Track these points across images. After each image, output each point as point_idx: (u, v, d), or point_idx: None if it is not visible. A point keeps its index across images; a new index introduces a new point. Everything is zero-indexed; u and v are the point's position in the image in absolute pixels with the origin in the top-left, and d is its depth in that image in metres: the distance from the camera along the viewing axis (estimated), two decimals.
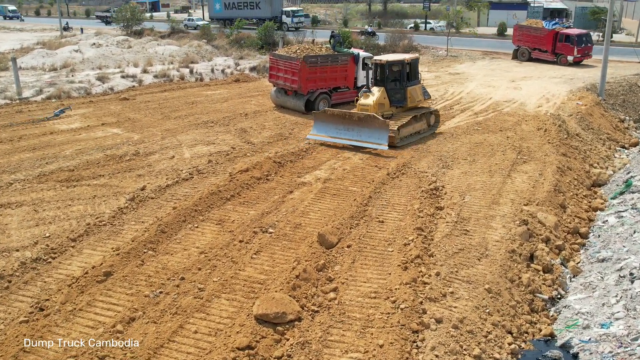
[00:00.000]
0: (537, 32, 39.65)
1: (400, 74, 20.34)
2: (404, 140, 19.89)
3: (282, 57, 24.79)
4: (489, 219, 13.47)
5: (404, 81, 20.30)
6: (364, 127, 18.96)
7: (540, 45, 39.62)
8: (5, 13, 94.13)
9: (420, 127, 20.93)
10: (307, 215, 13.50)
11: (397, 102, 20.51)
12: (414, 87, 20.77)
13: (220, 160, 17.85)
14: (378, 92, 20.17)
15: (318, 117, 20.22)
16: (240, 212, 13.62)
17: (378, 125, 18.67)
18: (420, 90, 21.29)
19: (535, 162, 17.94)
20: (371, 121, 18.79)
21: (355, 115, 19.26)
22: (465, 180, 16.09)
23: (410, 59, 20.60)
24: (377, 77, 20.73)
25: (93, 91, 30.50)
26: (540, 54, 39.93)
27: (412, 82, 20.67)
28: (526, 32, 40.41)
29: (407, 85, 20.38)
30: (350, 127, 19.26)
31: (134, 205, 14.13)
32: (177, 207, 13.64)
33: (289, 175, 16.39)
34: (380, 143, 18.56)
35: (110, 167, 17.44)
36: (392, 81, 20.41)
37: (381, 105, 20.07)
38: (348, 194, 14.84)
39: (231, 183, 15.11)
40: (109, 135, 21.19)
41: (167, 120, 23.36)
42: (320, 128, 19.99)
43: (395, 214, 13.60)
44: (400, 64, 20.34)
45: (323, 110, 20.30)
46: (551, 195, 15.14)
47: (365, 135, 18.93)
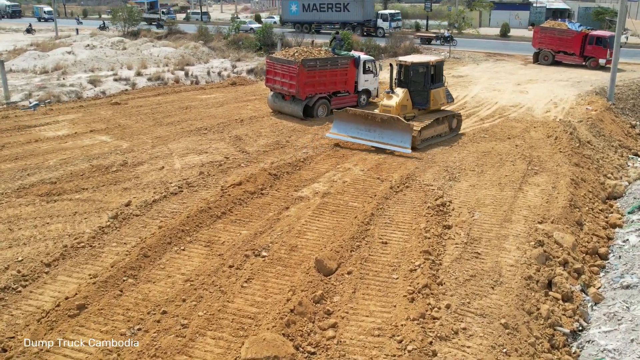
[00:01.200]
0: (563, 34, 38.06)
1: (424, 76, 20.02)
2: (424, 143, 19.47)
3: (279, 60, 23.72)
4: (502, 240, 12.40)
5: (427, 83, 20.04)
6: (387, 128, 18.71)
7: (567, 47, 37.99)
8: (40, 14, 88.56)
9: (441, 129, 20.49)
10: (304, 235, 12.42)
11: (420, 104, 20.28)
12: (438, 90, 20.51)
13: (213, 171, 16.77)
14: (401, 94, 19.83)
15: (339, 116, 19.89)
16: (231, 232, 12.54)
17: (401, 128, 18.41)
18: (443, 93, 20.98)
19: (547, 173, 16.87)
20: (394, 123, 18.55)
21: (378, 117, 18.91)
22: (473, 194, 15.02)
23: (435, 61, 20.38)
24: (400, 78, 20.41)
25: (84, 95, 29.41)
26: (565, 57, 38.34)
27: (436, 85, 20.43)
28: (550, 34, 38.68)
29: (430, 87, 20.13)
30: (372, 128, 18.99)
31: (116, 223, 13.05)
32: (162, 227, 12.57)
33: (285, 188, 15.31)
34: (403, 146, 18.28)
35: (95, 179, 16.37)
36: (415, 83, 20.10)
37: (404, 106, 19.82)
38: (348, 211, 13.77)
39: (222, 198, 14.03)
40: (97, 143, 20.12)
41: (158, 127, 22.29)
42: (341, 127, 19.73)
43: (399, 234, 12.53)
44: (425, 66, 20.03)
45: (344, 110, 19.85)
46: (567, 211, 14.07)
47: (387, 137, 18.64)
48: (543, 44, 39.17)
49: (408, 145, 18.22)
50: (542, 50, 39.25)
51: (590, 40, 36.77)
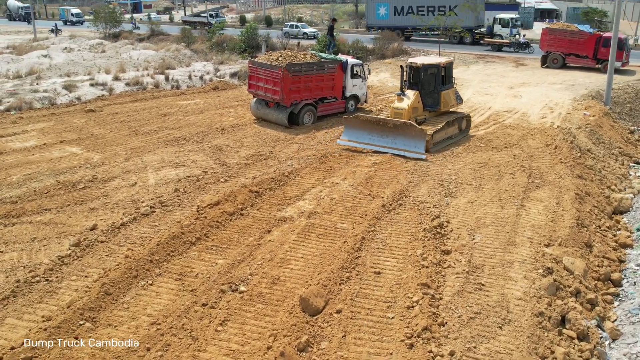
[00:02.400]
0: (575, 36, 36.63)
1: (435, 77, 19.84)
2: (436, 146, 19.15)
3: (262, 65, 22.41)
4: (507, 267, 11.21)
5: (438, 85, 19.88)
6: (399, 134, 18.38)
7: (579, 50, 36.56)
8: (67, 17, 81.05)
9: (452, 132, 20.28)
10: (287, 264, 11.14)
11: (431, 106, 20.02)
12: (448, 92, 20.36)
13: (189, 187, 15.43)
14: (413, 96, 19.50)
15: (349, 122, 19.46)
16: (206, 262, 11.23)
17: (415, 134, 18.11)
18: (453, 94, 20.86)
19: (550, 187, 15.74)
20: (407, 129, 18.23)
21: (390, 122, 18.52)
22: (472, 213, 13.83)
23: (445, 63, 20.21)
24: (411, 80, 20.05)
25: (58, 101, 27.91)
26: (577, 60, 36.93)
27: (446, 86, 20.27)
28: (560, 36, 37.15)
29: (441, 89, 19.94)
30: (385, 134, 18.63)
31: (78, 252, 11.69)
32: (129, 256, 11.22)
33: (268, 208, 14.01)
34: (417, 152, 17.96)
35: (61, 197, 14.97)
36: (426, 85, 19.83)
37: (415, 109, 19.50)
38: (337, 234, 12.50)
39: (198, 221, 12.71)
40: (66, 155, 18.68)
41: (134, 137, 20.88)
42: (352, 134, 19.30)
43: (394, 262, 11.29)
44: (435, 68, 19.81)
45: (355, 116, 19.36)
46: (574, 231, 12.92)
47: (400, 143, 18.32)
48: (552, 47, 37.53)
49: (422, 151, 17.90)
50: (551, 53, 37.67)
51: (605, 42, 35.32)
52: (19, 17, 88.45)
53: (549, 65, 37.74)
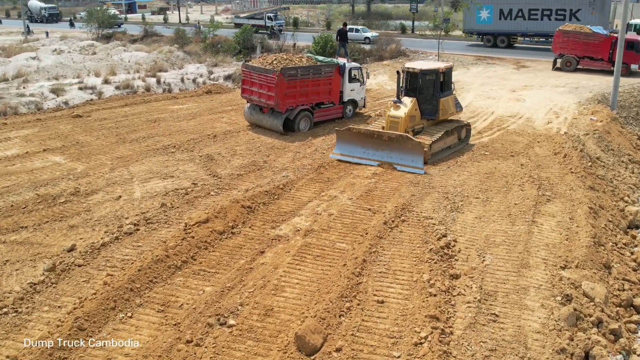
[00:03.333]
0: (589, 39, 35.39)
1: (433, 84, 18.70)
2: (435, 157, 18.10)
3: (255, 69, 21.39)
4: (521, 293, 10.26)
5: (437, 92, 18.67)
6: (395, 148, 17.08)
7: (593, 53, 35.39)
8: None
9: (451, 141, 19.09)
10: (281, 292, 10.15)
11: (429, 114, 18.88)
12: (447, 99, 19.13)
13: (177, 202, 14.43)
14: (410, 103, 18.26)
15: (341, 135, 18.09)
16: (192, 289, 10.23)
17: (411, 147, 16.83)
18: (452, 101, 19.61)
19: (561, 199, 14.80)
20: (403, 142, 16.96)
21: (385, 135, 17.23)
22: (481, 230, 12.87)
23: (445, 68, 18.93)
24: (407, 87, 18.87)
25: (45, 106, 26.91)
26: (591, 63, 35.73)
27: (445, 93, 19.04)
28: (573, 39, 35.84)
29: (440, 96, 18.73)
30: (380, 148, 17.35)
31: (52, 278, 10.68)
32: (108, 283, 10.22)
33: (261, 225, 13.02)
34: (415, 166, 16.75)
35: (39, 213, 13.95)
36: (424, 91, 18.73)
37: (412, 117, 18.37)
38: (335, 256, 11.52)
39: (184, 242, 11.70)
40: (49, 165, 17.65)
41: (121, 145, 19.85)
42: (345, 148, 17.98)
43: (398, 288, 10.31)
44: (434, 73, 18.64)
45: (347, 128, 18.01)
46: (591, 251, 11.97)
47: (396, 157, 17.06)
48: (565, 49, 36.24)
49: (421, 165, 16.72)
50: (565, 56, 36.37)
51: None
52: (42, 19, 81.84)
53: (561, 68, 36.57)
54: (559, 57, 36.76)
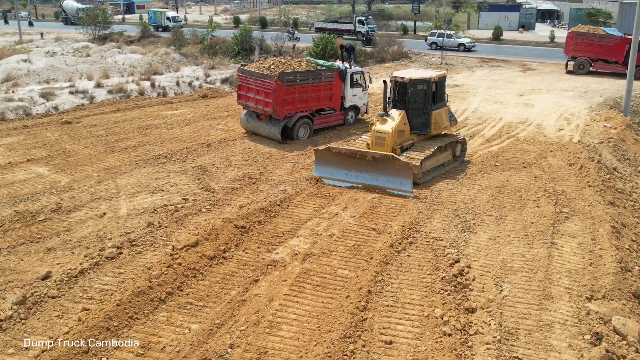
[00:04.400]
0: (604, 41, 34.35)
1: (424, 95, 16.64)
2: (426, 175, 16.42)
3: (252, 73, 20.29)
4: (546, 331, 9.15)
5: (428, 104, 16.69)
6: (381, 169, 15.22)
7: (608, 55, 34.30)
8: (158, 21, 65.82)
9: (444, 158, 17.40)
10: (277, 330, 9.04)
11: (419, 128, 16.93)
12: (440, 111, 17.20)
13: (165, 220, 13.32)
14: (398, 117, 16.37)
15: (320, 157, 16.15)
16: (177, 327, 9.12)
17: (399, 168, 15.01)
18: (446, 114, 17.69)
19: (581, 217, 13.70)
20: (389, 163, 15.12)
21: (369, 155, 15.32)
22: (496, 254, 11.76)
23: (437, 77, 16.89)
24: (396, 98, 16.89)
25: (34, 111, 25.83)
26: (605, 66, 34.67)
27: (437, 105, 17.09)
28: (587, 41, 34.83)
29: (432, 108, 16.79)
30: (364, 169, 15.46)
31: (22, 312, 9.57)
32: (83, 320, 9.12)
33: (255, 248, 11.90)
34: (403, 190, 14.95)
35: (16, 233, 12.86)
36: (414, 103, 16.69)
37: (401, 132, 16.47)
38: (337, 285, 10.41)
39: (170, 269, 10.59)
40: (31, 178, 16.57)
41: (109, 155, 18.76)
42: (324, 170, 16.06)
43: (408, 326, 9.20)
44: (425, 83, 16.58)
45: (326, 148, 16.05)
46: (618, 279, 10.86)
47: (382, 180, 15.20)
48: (578, 51, 35.15)
49: (409, 189, 14.91)
50: (578, 59, 35.30)
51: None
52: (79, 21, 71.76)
53: (575, 71, 35.36)
54: (572, 60, 35.64)
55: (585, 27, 36.99)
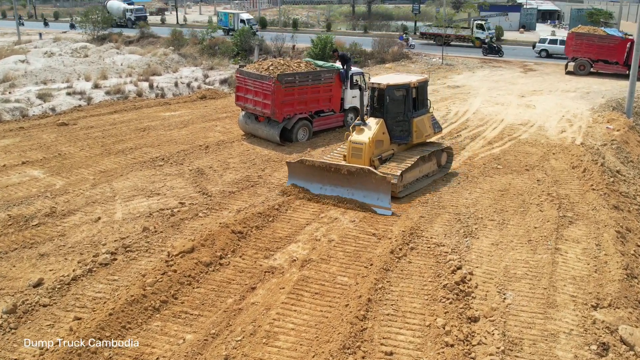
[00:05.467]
0: (605, 41, 34.22)
1: (404, 101, 15.56)
2: (408, 189, 15.31)
3: (251, 75, 20.04)
4: (550, 342, 8.89)
5: (409, 111, 15.60)
6: (357, 183, 14.21)
7: (608, 56, 34.17)
8: (230, 24, 58.15)
9: (428, 168, 16.36)
10: (274, 340, 8.78)
11: (400, 137, 15.85)
12: (422, 118, 16.12)
13: (160, 225, 13.06)
14: (376, 126, 15.29)
15: (293, 169, 15.30)
16: (171, 337, 8.86)
17: (376, 182, 13.91)
18: (429, 121, 16.60)
19: (585, 221, 13.44)
20: (366, 177, 14.07)
21: (344, 168, 14.32)
22: (499, 260, 11.50)
23: (417, 82, 15.81)
24: (374, 106, 15.84)
25: (30, 112, 25.55)
26: (606, 67, 34.53)
27: (419, 112, 16.02)
28: (587, 41, 34.68)
29: (413, 115, 15.70)
30: (339, 183, 14.48)
31: (12, 321, 9.31)
32: (75, 330, 8.86)
33: (253, 254, 11.64)
34: (380, 206, 13.82)
35: (8, 238, 12.60)
36: (393, 111, 15.60)
37: (379, 142, 15.36)
38: (337, 293, 10.15)
39: (165, 277, 10.32)
40: (26, 181, 16.31)
41: (106, 157, 18.50)
42: (298, 183, 15.23)
43: (409, 335, 8.94)
44: (404, 89, 15.49)
45: (299, 161, 15.18)
46: (624, 286, 10.60)
47: (359, 194, 14.15)
48: (579, 52, 34.99)
49: (387, 205, 13.81)
50: (578, 59, 35.12)
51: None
52: (127, 23, 66.81)
53: (575, 72, 35.13)
54: (572, 60, 35.40)
55: (585, 28, 36.81)
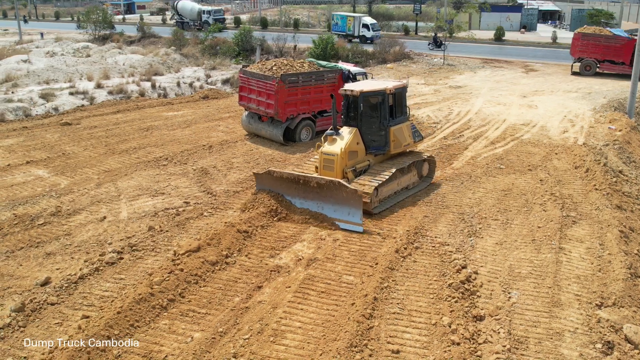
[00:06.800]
0: (611, 42, 34.20)
1: (380, 109, 14.57)
2: (385, 204, 14.32)
3: (254, 75, 20.11)
4: (556, 340, 8.95)
5: (385, 119, 14.63)
6: (327, 197, 13.19)
7: (615, 56, 34.10)
8: (348, 29, 51.34)
9: (408, 180, 15.38)
10: (281, 339, 8.84)
11: (376, 148, 14.89)
12: (400, 127, 15.13)
13: (166, 225, 13.12)
14: (349, 135, 14.26)
15: (261, 181, 14.30)
16: (179, 336, 8.92)
17: (347, 197, 12.82)
18: (408, 130, 15.59)
19: (588, 221, 13.50)
20: (336, 190, 12.97)
21: (313, 181, 13.30)
22: (503, 259, 11.56)
23: (394, 89, 14.76)
24: (348, 114, 14.89)
25: (33, 112, 25.61)
26: (612, 67, 34.46)
27: (397, 120, 15.07)
28: (593, 42, 34.64)
29: (389, 124, 14.74)
30: (308, 197, 13.51)
31: (20, 319, 9.37)
32: (83, 327, 8.91)
33: (259, 253, 11.71)
34: (351, 222, 12.79)
35: (15, 237, 12.66)
36: (368, 119, 14.70)
37: (353, 153, 14.32)
38: (342, 292, 10.21)
39: (172, 275, 10.38)
40: (30, 180, 16.39)
41: (110, 157, 18.57)
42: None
43: (415, 334, 9.00)
44: (380, 96, 14.50)
45: (267, 172, 14.10)
46: (628, 285, 10.65)
47: (329, 209, 13.18)
48: (585, 53, 34.91)
49: (359, 221, 12.70)
50: (584, 60, 35.05)
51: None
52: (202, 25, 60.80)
53: (581, 72, 35.05)
54: (578, 61, 35.40)
55: (591, 29, 36.80)
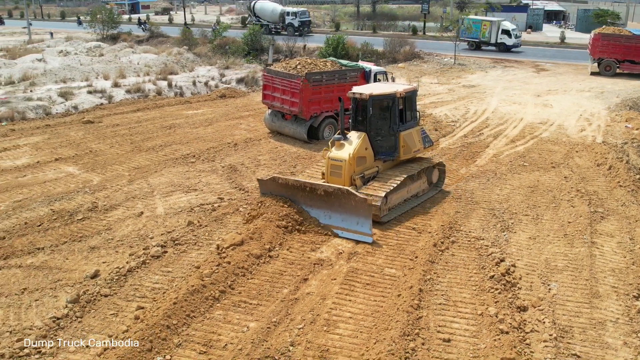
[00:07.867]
0: (631, 42, 34.35)
1: (390, 113, 14.07)
2: (394, 212, 13.76)
3: (279, 74, 20.37)
4: (599, 329, 9.23)
5: (394, 124, 14.15)
6: (335, 206, 12.66)
7: (635, 56, 34.28)
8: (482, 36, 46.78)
9: (418, 187, 14.81)
10: (334, 328, 9.11)
11: (385, 153, 14.35)
12: (410, 132, 14.60)
13: (204, 219, 13.39)
14: (357, 140, 13.75)
15: (265, 187, 13.86)
16: (235, 326, 9.18)
17: (355, 205, 12.31)
18: (418, 135, 15.06)
19: (616, 217, 13.78)
20: (344, 199, 12.46)
21: (320, 188, 12.75)
22: (538, 252, 11.83)
23: (404, 92, 14.22)
24: (357, 118, 14.43)
25: (53, 110, 25.81)
26: (632, 67, 34.64)
27: (407, 125, 14.56)
28: (614, 42, 34.74)
29: (399, 129, 14.23)
30: (315, 205, 13.00)
31: (77, 310, 9.63)
32: (141, 318, 9.18)
33: (299, 247, 11.98)
34: (361, 232, 12.29)
35: (56, 232, 12.92)
36: (377, 124, 14.21)
37: (361, 159, 13.82)
38: (387, 284, 10.49)
39: (220, 267, 10.65)
40: (62, 177, 16.64)
41: (137, 154, 18.82)
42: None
43: (463, 324, 9.27)
44: (389, 99, 13.98)
45: (271, 178, 13.72)
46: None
47: (336, 218, 12.63)
48: (605, 53, 34.95)
49: (368, 231, 12.19)
50: (604, 60, 35.11)
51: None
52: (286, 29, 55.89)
53: (601, 72, 35.13)
54: (598, 61, 35.55)
55: (610, 29, 37.07)
